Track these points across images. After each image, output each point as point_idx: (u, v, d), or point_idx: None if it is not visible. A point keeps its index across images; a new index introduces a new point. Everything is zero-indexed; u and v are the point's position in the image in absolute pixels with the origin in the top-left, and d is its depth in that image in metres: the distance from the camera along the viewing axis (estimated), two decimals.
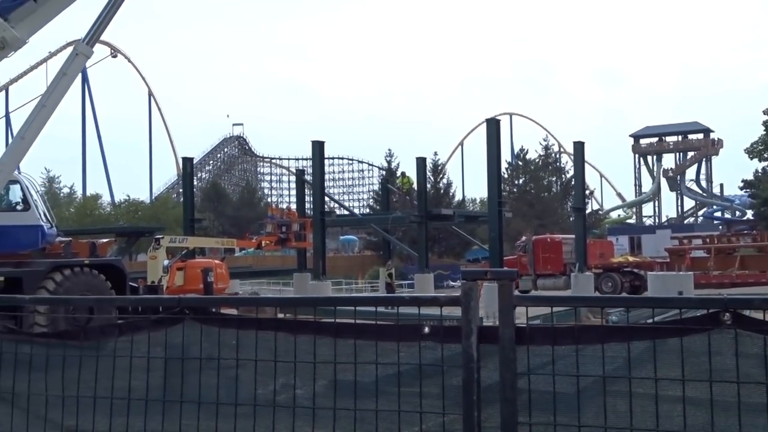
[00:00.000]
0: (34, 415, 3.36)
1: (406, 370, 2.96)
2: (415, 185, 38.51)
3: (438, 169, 69.48)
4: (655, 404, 2.63)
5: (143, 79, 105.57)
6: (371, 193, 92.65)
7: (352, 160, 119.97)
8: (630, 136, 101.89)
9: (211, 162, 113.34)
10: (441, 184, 68.84)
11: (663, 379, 2.62)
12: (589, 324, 3.15)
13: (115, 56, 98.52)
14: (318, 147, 35.63)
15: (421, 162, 38.88)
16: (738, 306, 2.58)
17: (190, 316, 3.15)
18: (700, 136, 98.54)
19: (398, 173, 54.61)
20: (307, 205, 41.88)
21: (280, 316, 4.10)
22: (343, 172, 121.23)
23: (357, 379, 2.97)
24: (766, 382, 2.48)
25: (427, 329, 2.87)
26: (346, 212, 55.58)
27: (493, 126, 30.72)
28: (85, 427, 3.27)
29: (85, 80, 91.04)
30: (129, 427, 3.17)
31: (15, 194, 18.17)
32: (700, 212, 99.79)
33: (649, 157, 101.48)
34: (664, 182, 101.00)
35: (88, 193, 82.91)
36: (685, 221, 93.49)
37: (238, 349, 3.06)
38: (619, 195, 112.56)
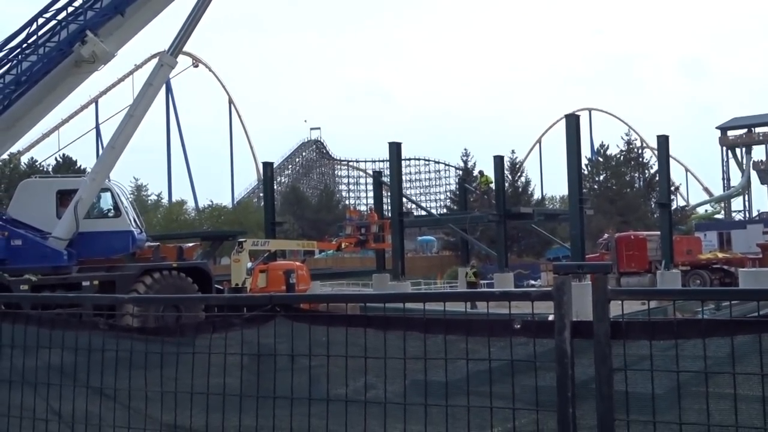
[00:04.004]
0: (134, 410, 3.48)
1: (497, 367, 2.93)
2: (493, 184, 38.10)
3: (516, 168, 68.60)
4: (762, 402, 2.51)
5: (223, 87, 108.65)
6: (448, 193, 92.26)
7: (428, 160, 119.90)
8: (717, 128, 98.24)
9: (290, 166, 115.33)
10: (519, 183, 67.95)
11: None
12: (690, 318, 3.03)
13: (196, 66, 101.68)
14: (395, 148, 35.71)
15: (498, 160, 38.44)
16: None
17: (281, 313, 3.20)
18: None
19: (475, 172, 54.19)
20: (385, 207, 42.04)
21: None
22: (420, 173, 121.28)
23: (447, 375, 2.94)
24: None
25: (518, 324, 2.82)
26: (423, 213, 55.54)
27: (572, 122, 30.11)
28: (182, 423, 3.37)
29: (168, 90, 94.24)
30: (225, 423, 3.24)
31: (107, 201, 18.93)
32: None
33: (738, 150, 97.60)
34: (754, 175, 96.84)
35: (173, 200, 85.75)
36: None
37: (328, 345, 3.08)
38: (706, 190, 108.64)
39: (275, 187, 60.00)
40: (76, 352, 3.67)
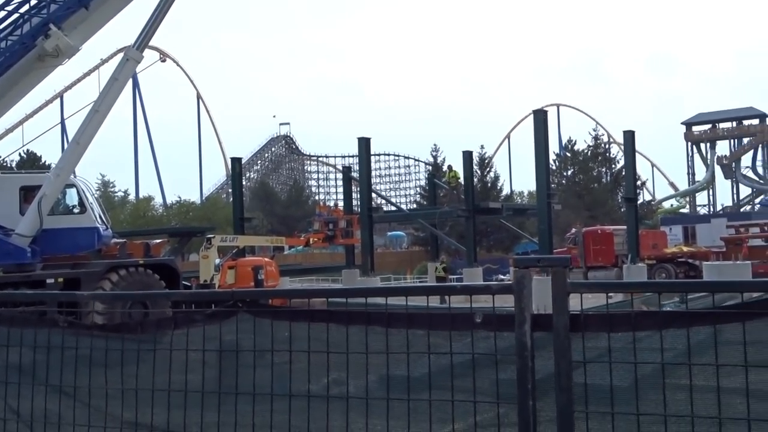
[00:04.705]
0: (94, 408, 3.43)
1: (463, 362, 2.94)
2: (462, 179, 38.29)
3: (485, 163, 68.94)
4: (717, 392, 2.55)
5: (191, 82, 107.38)
6: (418, 188, 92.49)
7: (398, 156, 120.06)
8: (682, 123, 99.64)
9: (259, 162, 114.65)
10: (488, 178, 68.31)
11: (725, 365, 2.55)
12: (647, 310, 3.07)
13: (164, 60, 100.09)
14: (364, 143, 35.73)
15: (467, 156, 38.65)
16: None
17: (243, 309, 3.18)
18: (756, 121, 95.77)
19: (444, 168, 54.37)
20: (354, 202, 42.02)
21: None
22: (390, 168, 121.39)
23: (409, 370, 2.95)
24: None
25: (479, 318, 2.84)
26: (393, 208, 55.61)
27: (540, 117, 30.38)
28: (143, 420, 3.33)
29: (135, 85, 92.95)
30: (186, 420, 3.22)
31: (72, 197, 18.66)
32: (757, 200, 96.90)
33: (703, 145, 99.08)
34: (718, 170, 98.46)
35: (141, 196, 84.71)
36: (742, 209, 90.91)
37: (290, 340, 3.07)
38: (672, 184, 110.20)
39: (244, 182, 59.58)
40: (34, 350, 3.62)
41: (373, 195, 40.19)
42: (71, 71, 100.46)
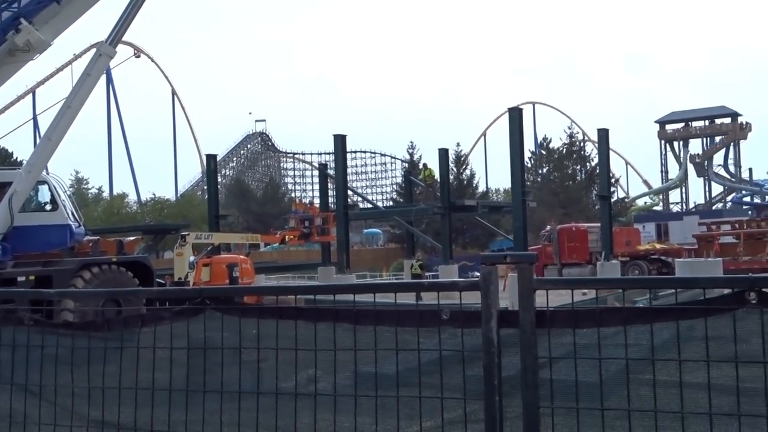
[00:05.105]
0: (60, 407, 3.40)
1: (434, 359, 2.94)
2: (438, 177, 38.39)
3: (461, 160, 69.16)
4: (680, 387, 2.59)
5: (166, 78, 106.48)
6: (394, 186, 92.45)
7: (374, 153, 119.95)
8: (656, 122, 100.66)
9: (235, 159, 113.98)
10: (464, 175, 68.53)
11: (687, 360, 2.58)
12: (612, 306, 3.11)
13: (138, 56, 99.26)
14: (340, 141, 35.67)
15: (443, 153, 38.74)
16: (764, 284, 2.53)
17: (211, 306, 3.17)
18: (728, 120, 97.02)
19: (421, 165, 54.43)
20: (331, 200, 41.95)
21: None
22: (366, 165, 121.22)
23: (378, 367, 2.96)
24: None
25: (445, 315, 2.85)
26: (369, 206, 55.58)
27: (515, 115, 30.52)
28: (110, 419, 3.31)
29: (109, 81, 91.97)
30: (153, 418, 3.20)
31: (43, 194, 18.42)
32: (729, 197, 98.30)
33: (676, 143, 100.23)
34: (691, 168, 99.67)
35: (115, 193, 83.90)
36: (714, 207, 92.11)
37: (259, 337, 3.07)
38: (646, 182, 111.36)
39: (220, 179, 59.22)
40: None
41: (350, 192, 40.15)
42: (44, 66, 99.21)
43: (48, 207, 18.21)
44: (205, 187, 59.15)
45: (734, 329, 2.51)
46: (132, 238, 23.34)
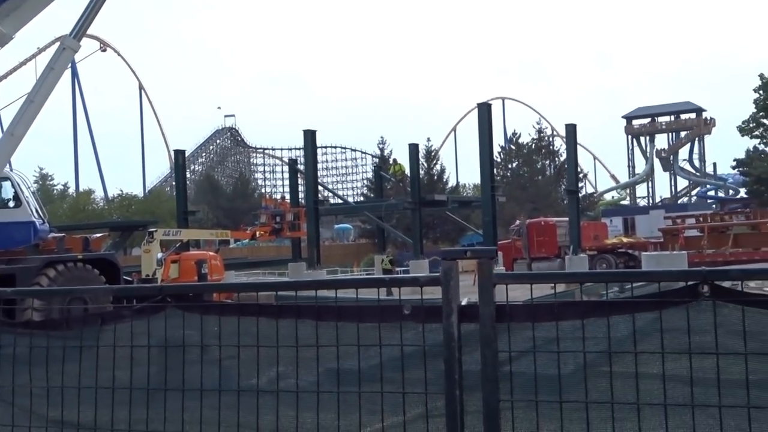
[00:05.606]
0: (18, 407, 3.35)
1: (394, 355, 2.95)
2: (408, 172, 38.49)
3: (431, 156, 69.40)
4: (636, 379, 2.63)
5: (133, 72, 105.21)
6: (365, 181, 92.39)
7: (344, 148, 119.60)
8: (622, 117, 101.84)
9: (204, 154, 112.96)
10: (434, 171, 68.78)
11: (642, 352, 2.63)
12: (568, 300, 3.15)
13: (104, 50, 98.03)
14: (309, 136, 35.57)
15: (413, 148, 38.85)
16: (716, 277, 2.58)
17: (171, 303, 3.15)
18: (693, 115, 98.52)
19: (391, 160, 54.51)
20: (301, 195, 41.83)
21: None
22: (336, 161, 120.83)
23: (343, 363, 2.96)
24: (745, 353, 2.48)
25: (407, 310, 2.87)
26: (339, 201, 55.53)
27: (484, 110, 30.71)
28: (70, 419, 3.27)
29: (74, 75, 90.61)
30: (114, 417, 3.17)
31: (6, 191, 18.11)
32: (694, 192, 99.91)
33: (642, 138, 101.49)
34: (657, 163, 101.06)
35: (81, 189, 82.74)
36: (679, 201, 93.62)
37: (220, 335, 3.05)
38: (613, 177, 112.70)
39: (189, 175, 58.82)
40: None
41: (320, 188, 40.08)
42: (6, 60, 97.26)
43: (11, 204, 17.90)
44: (174, 183, 58.64)
45: (688, 321, 2.56)
46: (99, 235, 23.11)
